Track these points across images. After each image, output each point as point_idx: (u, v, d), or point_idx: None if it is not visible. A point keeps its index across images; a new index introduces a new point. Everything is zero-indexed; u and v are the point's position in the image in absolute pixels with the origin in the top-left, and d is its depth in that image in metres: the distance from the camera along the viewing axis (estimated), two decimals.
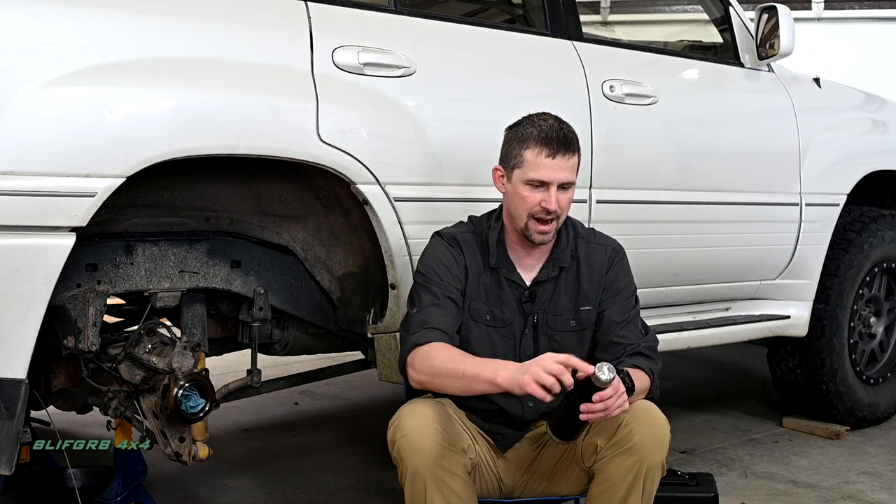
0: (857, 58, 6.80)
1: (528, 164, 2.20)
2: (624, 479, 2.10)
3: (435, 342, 2.14)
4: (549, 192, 2.19)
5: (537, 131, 2.21)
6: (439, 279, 2.24)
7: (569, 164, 2.20)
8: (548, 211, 2.19)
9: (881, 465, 3.51)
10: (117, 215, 2.32)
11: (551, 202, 2.18)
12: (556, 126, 2.22)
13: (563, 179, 2.20)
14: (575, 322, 2.30)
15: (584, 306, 2.30)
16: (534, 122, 2.24)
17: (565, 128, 2.23)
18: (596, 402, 1.95)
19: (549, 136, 2.19)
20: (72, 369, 2.47)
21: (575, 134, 2.25)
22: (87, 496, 2.63)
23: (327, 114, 2.34)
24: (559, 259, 2.30)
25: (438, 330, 2.16)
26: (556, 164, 2.19)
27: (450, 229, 2.34)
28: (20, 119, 1.93)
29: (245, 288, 2.52)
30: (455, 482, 2.06)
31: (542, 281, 2.29)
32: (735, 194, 3.34)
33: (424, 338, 2.15)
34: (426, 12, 2.81)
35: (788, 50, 3.41)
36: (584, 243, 2.33)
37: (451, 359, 2.10)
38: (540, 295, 2.29)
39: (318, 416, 4.18)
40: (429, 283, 2.24)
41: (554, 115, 2.27)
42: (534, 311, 2.29)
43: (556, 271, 2.30)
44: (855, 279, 3.82)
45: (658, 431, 2.12)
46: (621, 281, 2.33)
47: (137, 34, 2.13)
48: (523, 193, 2.21)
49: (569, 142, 2.21)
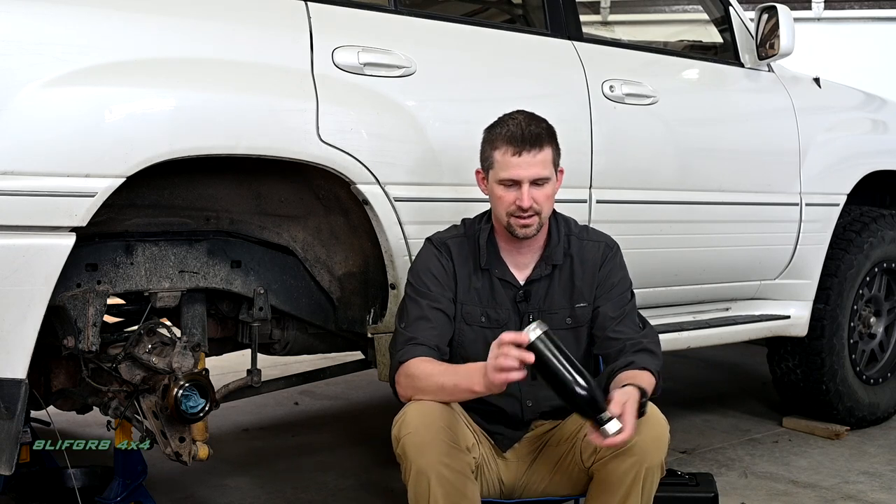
0: (857, 58, 6.80)
1: (498, 164, 2.20)
2: (623, 480, 2.10)
3: (416, 358, 2.14)
4: (521, 189, 2.18)
5: (504, 130, 2.20)
6: (427, 290, 2.24)
7: (537, 159, 2.18)
8: (522, 208, 2.19)
9: (881, 465, 3.51)
10: (117, 215, 2.32)
11: (524, 199, 2.17)
12: (524, 123, 2.20)
13: (533, 176, 2.18)
14: (570, 319, 2.30)
15: (578, 303, 2.30)
16: (503, 121, 2.24)
17: (534, 124, 2.21)
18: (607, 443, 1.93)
19: (514, 135, 2.18)
20: (72, 369, 2.47)
21: (545, 128, 2.23)
22: (87, 496, 2.63)
23: (327, 114, 2.34)
24: (552, 257, 2.29)
25: (423, 345, 2.16)
26: (524, 161, 2.17)
27: (441, 234, 2.34)
28: (20, 119, 1.93)
29: (245, 288, 2.52)
30: (459, 481, 2.05)
31: (536, 279, 2.29)
32: (735, 194, 3.34)
33: (407, 355, 2.15)
34: (426, 12, 2.81)
35: (788, 50, 3.41)
36: (577, 240, 2.33)
37: (428, 374, 2.10)
38: (534, 294, 2.29)
39: (318, 416, 4.18)
40: (417, 294, 2.24)
41: (526, 112, 2.25)
42: (529, 310, 2.28)
43: (549, 269, 2.29)
44: (855, 279, 3.82)
45: (657, 432, 2.12)
46: (615, 276, 2.32)
47: (137, 34, 2.13)
48: (499, 193, 2.22)
49: (535, 137, 2.19)
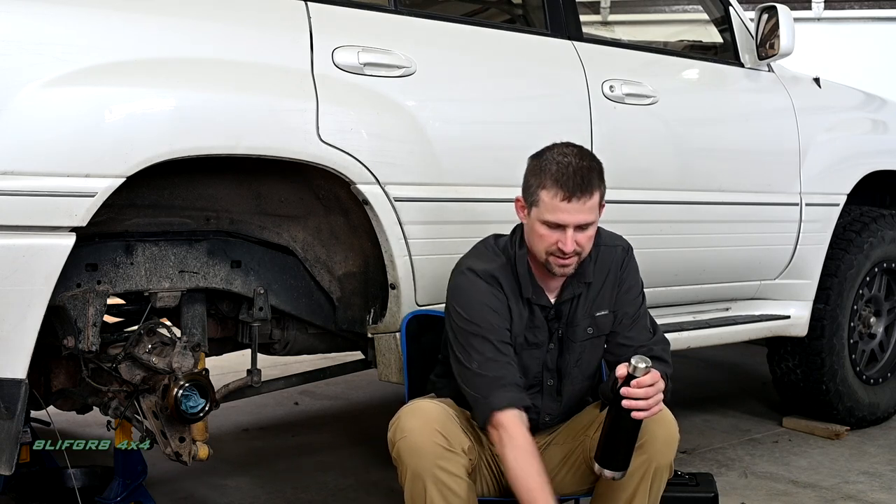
0: (857, 58, 6.80)
1: (544, 206, 2.11)
2: (632, 478, 2.10)
3: (512, 413, 2.08)
4: (565, 233, 2.11)
5: (555, 168, 2.09)
6: (492, 326, 2.15)
7: (587, 206, 2.10)
8: (563, 252, 2.13)
9: (881, 465, 3.51)
10: (117, 215, 2.31)
11: (567, 244, 2.11)
12: (576, 163, 2.10)
13: (580, 222, 2.11)
14: (592, 329, 2.28)
15: (599, 312, 2.27)
16: (553, 156, 2.13)
17: (585, 164, 2.11)
18: (634, 388, 1.95)
19: (565, 177, 2.08)
20: (72, 369, 2.47)
21: (596, 168, 2.14)
22: (87, 496, 2.63)
23: (327, 114, 2.34)
24: (584, 275, 2.24)
25: (512, 385, 2.11)
26: (573, 208, 2.08)
27: (483, 265, 2.21)
28: (20, 119, 1.93)
29: (245, 288, 2.52)
30: (455, 483, 2.05)
31: (568, 299, 2.26)
32: (735, 194, 3.34)
33: (501, 401, 2.09)
34: (426, 12, 2.81)
35: (788, 50, 3.41)
36: (594, 247, 2.26)
37: (517, 470, 2.05)
38: (563, 310, 2.27)
39: (318, 416, 4.18)
40: (483, 331, 2.14)
41: (576, 148, 2.16)
42: (558, 326, 2.27)
43: (582, 288, 2.25)
44: (855, 279, 3.82)
45: (669, 432, 2.13)
46: (631, 279, 2.31)
47: (137, 34, 2.13)
48: (541, 232, 2.13)
49: (587, 183, 2.09)
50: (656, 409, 2.00)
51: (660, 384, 2.00)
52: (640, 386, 1.96)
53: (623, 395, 1.98)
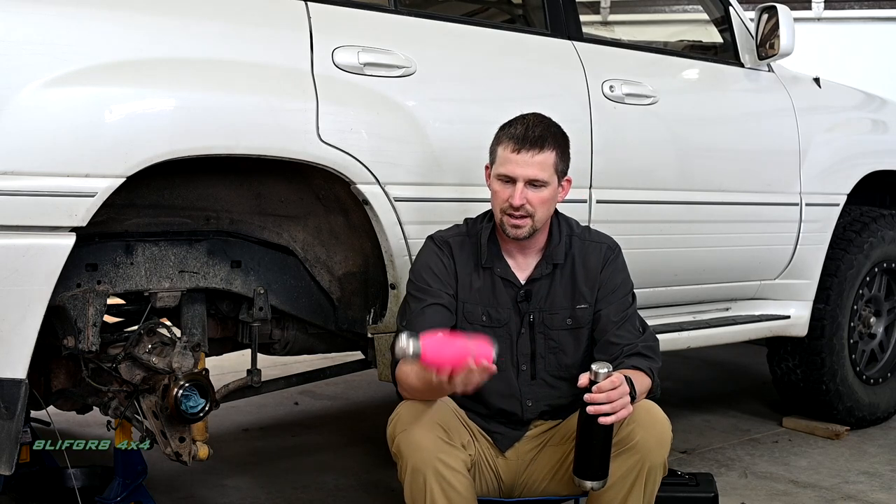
0: (857, 58, 6.80)
1: (499, 159, 2.22)
2: (625, 479, 2.10)
3: None
4: (515, 187, 2.18)
5: (513, 127, 2.22)
6: (427, 286, 2.24)
7: (535, 159, 2.18)
8: (513, 206, 2.18)
9: (881, 465, 3.51)
10: (117, 215, 2.32)
11: (516, 197, 2.17)
12: (532, 123, 2.21)
13: (528, 176, 2.18)
14: (571, 320, 2.30)
15: (579, 305, 2.30)
16: (515, 120, 2.25)
17: (541, 126, 2.21)
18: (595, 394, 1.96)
19: (518, 132, 2.19)
20: (72, 369, 2.47)
21: (553, 133, 2.23)
22: (87, 496, 2.63)
23: (327, 114, 2.34)
24: (552, 256, 2.29)
25: None
26: (521, 160, 2.18)
27: (443, 232, 2.34)
28: (20, 119, 1.93)
29: (245, 288, 2.52)
30: (455, 478, 2.05)
31: (537, 279, 2.29)
32: (735, 194, 3.34)
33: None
34: (426, 12, 2.81)
35: (788, 50, 3.40)
36: (579, 241, 2.32)
37: (405, 373, 2.09)
38: (535, 293, 2.28)
39: (318, 416, 4.18)
40: (418, 291, 2.25)
41: (539, 115, 2.26)
42: (529, 309, 2.28)
43: (550, 268, 2.29)
44: (855, 279, 3.82)
45: (659, 431, 2.12)
46: (617, 279, 2.32)
47: (137, 34, 2.13)
48: (495, 188, 2.24)
49: (538, 138, 2.19)
50: (623, 413, 1.99)
51: (623, 388, 1.99)
52: (600, 391, 1.96)
53: (587, 401, 1.98)
